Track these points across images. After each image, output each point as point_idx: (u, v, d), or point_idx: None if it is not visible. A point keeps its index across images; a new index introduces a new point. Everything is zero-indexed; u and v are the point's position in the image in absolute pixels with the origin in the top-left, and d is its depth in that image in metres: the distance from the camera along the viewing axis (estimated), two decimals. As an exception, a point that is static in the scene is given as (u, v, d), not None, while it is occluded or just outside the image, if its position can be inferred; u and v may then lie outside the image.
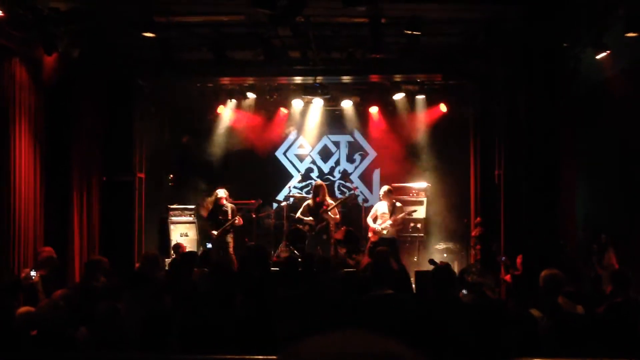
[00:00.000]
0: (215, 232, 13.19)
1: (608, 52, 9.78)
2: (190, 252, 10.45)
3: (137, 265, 9.75)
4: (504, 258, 10.77)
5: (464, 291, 7.02)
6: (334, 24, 10.52)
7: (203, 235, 14.43)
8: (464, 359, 5.16)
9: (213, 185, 14.70)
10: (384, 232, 12.71)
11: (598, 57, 9.93)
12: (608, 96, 10.78)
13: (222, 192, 13.46)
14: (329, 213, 13.05)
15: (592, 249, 10.75)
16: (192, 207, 14.80)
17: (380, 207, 13.08)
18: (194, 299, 6.68)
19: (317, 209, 13.11)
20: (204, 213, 14.33)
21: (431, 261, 9.43)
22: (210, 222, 13.51)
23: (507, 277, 9.97)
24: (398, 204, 13.11)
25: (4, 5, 8.32)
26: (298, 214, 13.40)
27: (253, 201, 14.23)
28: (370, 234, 12.98)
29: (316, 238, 13.01)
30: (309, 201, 13.37)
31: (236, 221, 13.23)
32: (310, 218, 13.07)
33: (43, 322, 5.27)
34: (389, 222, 12.76)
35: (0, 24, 8.72)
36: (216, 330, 5.31)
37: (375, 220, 12.99)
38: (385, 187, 13.30)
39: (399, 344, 0.93)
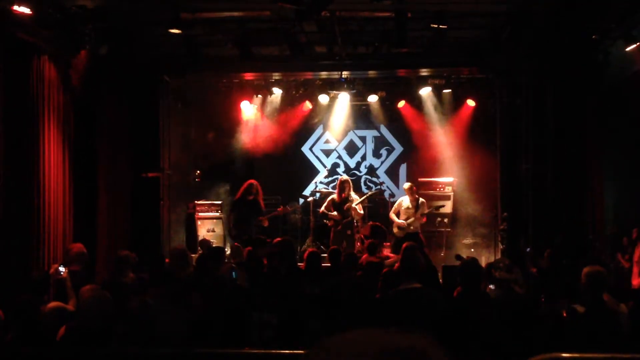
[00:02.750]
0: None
1: (638, 44, 9.68)
2: (218, 248, 10.48)
3: (167, 260, 9.79)
4: (528, 249, 10.71)
5: (491, 286, 6.98)
6: (359, 18, 10.50)
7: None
8: (491, 353, 5.14)
9: (239, 181, 14.76)
10: (411, 227, 12.66)
11: (628, 49, 9.83)
12: (637, 89, 10.66)
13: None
14: (354, 208, 13.04)
15: (622, 244, 10.65)
16: (219, 202, 14.83)
17: (404, 202, 13.04)
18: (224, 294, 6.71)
19: (342, 204, 13.09)
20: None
21: (457, 256, 9.38)
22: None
23: (534, 270, 9.90)
24: (422, 200, 13.06)
25: (32, 3, 8.38)
26: (322, 209, 13.41)
27: (280, 208, 14.09)
28: (395, 229, 12.93)
29: (341, 233, 13.00)
30: (334, 196, 13.35)
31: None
32: (335, 213, 13.07)
33: (87, 313, 5.27)
34: (412, 219, 12.72)
35: (29, 22, 8.77)
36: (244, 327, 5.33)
37: (398, 215, 12.96)
38: (407, 184, 13.25)
39: (423, 338, 0.91)
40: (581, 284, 5.96)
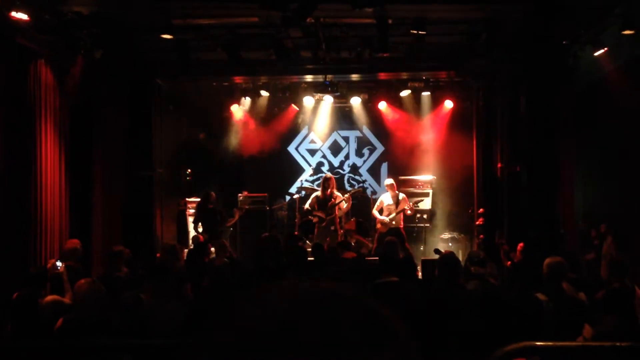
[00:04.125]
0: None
1: (605, 49, 9.75)
2: (204, 243, 10.52)
3: (158, 255, 9.78)
4: (504, 246, 10.77)
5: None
6: (342, 24, 10.51)
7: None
8: (467, 342, 5.17)
9: (229, 179, 14.78)
10: (393, 222, 12.71)
11: (596, 54, 9.91)
12: (606, 92, 10.75)
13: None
14: (338, 205, 13.07)
15: (591, 238, 10.74)
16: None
17: (385, 199, 13.10)
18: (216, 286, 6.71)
19: (326, 201, 13.11)
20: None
21: (436, 250, 9.43)
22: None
23: (508, 264, 9.95)
24: (402, 196, 13.12)
25: (29, 9, 8.35)
26: (306, 205, 13.42)
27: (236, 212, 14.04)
28: (378, 225, 12.98)
29: (325, 229, 13.02)
30: (318, 193, 13.37)
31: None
32: (320, 211, 13.09)
33: (83, 305, 5.26)
34: (394, 214, 12.79)
35: (26, 27, 8.74)
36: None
37: (380, 212, 13.02)
38: (389, 181, 13.32)
39: (350, 287, 0.85)
40: (543, 274, 6.05)
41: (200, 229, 12.76)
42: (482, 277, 6.74)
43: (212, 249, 10.35)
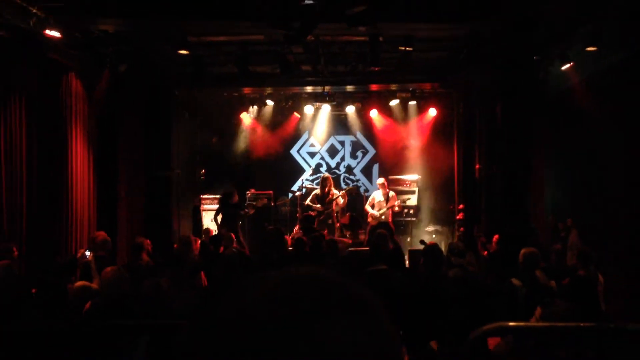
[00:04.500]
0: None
1: (572, 64, 9.74)
2: (217, 235, 10.48)
3: (175, 246, 9.75)
4: (481, 238, 10.75)
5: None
6: (339, 42, 10.50)
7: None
8: (450, 324, 5.16)
9: (238, 178, 14.78)
10: (383, 217, 12.70)
11: (563, 68, 9.90)
12: (572, 101, 10.73)
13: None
14: (335, 201, 13.06)
15: (559, 231, 10.73)
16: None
17: (377, 196, 13.11)
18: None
19: (324, 198, 13.11)
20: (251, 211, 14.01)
21: (422, 242, 9.40)
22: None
23: (484, 254, 9.94)
24: (392, 194, 13.13)
25: (61, 28, 8.33)
26: (307, 202, 13.41)
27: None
28: (369, 219, 12.97)
29: (323, 223, 13.00)
30: (317, 191, 13.36)
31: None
32: (319, 205, 13.08)
33: (109, 290, 5.25)
34: (384, 209, 12.78)
35: (58, 44, 8.73)
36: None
37: (372, 207, 13.02)
38: (381, 180, 13.33)
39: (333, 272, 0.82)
40: (518, 263, 6.05)
41: (219, 219, 12.73)
42: (461, 266, 6.72)
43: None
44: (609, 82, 9.60)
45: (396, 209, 13.11)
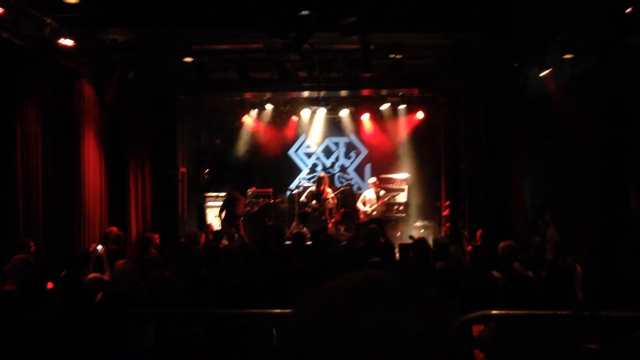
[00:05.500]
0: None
1: (550, 70, 9.77)
2: (218, 231, 10.50)
3: (182, 240, 9.76)
4: (466, 232, 10.78)
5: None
6: (333, 50, 10.51)
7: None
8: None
9: (240, 177, 14.81)
10: (374, 213, 12.71)
11: (541, 74, 9.92)
12: (549, 105, 10.76)
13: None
14: (328, 200, 13.10)
15: (537, 225, 10.75)
16: (223, 194, 14.79)
17: (368, 194, 13.14)
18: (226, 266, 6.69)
19: (319, 195, 13.14)
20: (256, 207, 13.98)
21: (410, 237, 9.42)
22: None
23: (469, 248, 9.96)
24: (382, 192, 13.16)
25: (74, 36, 8.33)
26: (302, 198, 13.46)
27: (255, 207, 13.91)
28: (361, 216, 12.98)
29: (317, 219, 13.02)
30: (312, 188, 13.42)
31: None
32: (314, 201, 13.12)
33: (120, 281, 5.27)
34: (376, 205, 12.80)
35: (71, 52, 8.72)
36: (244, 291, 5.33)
37: (364, 204, 13.04)
38: (373, 179, 13.36)
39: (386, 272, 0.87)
40: (498, 255, 6.07)
41: (223, 216, 12.71)
42: (447, 258, 6.75)
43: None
44: (584, 86, 9.63)
45: (383, 207, 13.13)
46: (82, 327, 4.28)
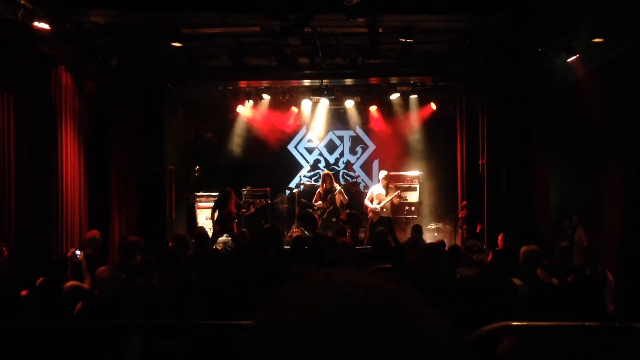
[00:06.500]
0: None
1: (577, 55, 9.76)
2: (203, 235, 10.53)
3: (169, 244, 9.77)
4: (465, 227, 10.80)
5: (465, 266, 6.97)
6: (337, 33, 10.50)
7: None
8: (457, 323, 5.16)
9: (234, 175, 14.83)
10: (384, 210, 12.61)
11: (569, 60, 9.91)
12: (577, 94, 10.76)
13: None
14: (337, 196, 13.09)
15: (564, 228, 10.76)
16: (215, 194, 14.82)
17: (376, 190, 13.04)
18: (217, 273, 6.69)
19: (326, 195, 13.16)
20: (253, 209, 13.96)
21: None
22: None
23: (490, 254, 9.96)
24: (391, 187, 13.08)
25: (51, 19, 8.34)
26: (313, 201, 13.42)
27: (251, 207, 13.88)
28: (370, 214, 12.93)
29: (327, 221, 13.04)
30: (320, 189, 13.41)
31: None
32: (320, 202, 13.13)
33: (103, 290, 5.29)
34: (385, 201, 12.69)
35: (48, 36, 8.73)
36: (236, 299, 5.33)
37: (371, 201, 12.98)
38: (384, 172, 13.25)
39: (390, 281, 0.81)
40: (519, 261, 6.05)
41: (215, 216, 12.72)
42: (482, 264, 6.76)
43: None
44: (616, 73, 9.62)
45: (396, 200, 13.08)
46: (60, 339, 4.30)
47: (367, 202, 13.13)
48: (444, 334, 0.77)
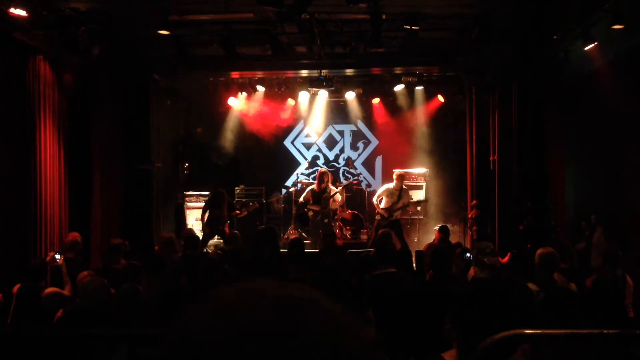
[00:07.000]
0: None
1: (595, 43, 9.75)
2: (195, 237, 10.53)
3: (156, 247, 9.76)
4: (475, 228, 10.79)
5: (477, 269, 6.96)
6: (337, 20, 10.49)
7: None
8: (464, 331, 5.16)
9: (226, 173, 14.81)
10: (394, 215, 12.52)
11: (586, 48, 9.90)
12: (595, 86, 10.75)
13: None
14: (332, 199, 13.07)
15: (581, 228, 10.76)
16: (206, 193, 14.80)
17: (388, 190, 12.86)
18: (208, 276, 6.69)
19: (321, 194, 13.12)
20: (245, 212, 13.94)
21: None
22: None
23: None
24: (404, 188, 12.92)
25: (27, 5, 8.32)
26: (301, 199, 13.42)
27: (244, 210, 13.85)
28: (377, 217, 12.80)
29: (319, 222, 13.02)
30: (313, 187, 13.38)
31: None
32: (315, 204, 13.10)
33: (85, 297, 5.28)
34: (397, 208, 12.57)
35: (24, 23, 8.71)
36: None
37: (380, 201, 12.84)
38: (398, 171, 13.02)
39: (316, 291, 0.84)
40: (534, 264, 6.04)
41: (206, 218, 12.70)
42: (494, 267, 6.75)
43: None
44: (636, 63, 9.61)
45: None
46: (38, 349, 4.28)
47: (375, 200, 12.91)
48: (352, 338, 0.80)
